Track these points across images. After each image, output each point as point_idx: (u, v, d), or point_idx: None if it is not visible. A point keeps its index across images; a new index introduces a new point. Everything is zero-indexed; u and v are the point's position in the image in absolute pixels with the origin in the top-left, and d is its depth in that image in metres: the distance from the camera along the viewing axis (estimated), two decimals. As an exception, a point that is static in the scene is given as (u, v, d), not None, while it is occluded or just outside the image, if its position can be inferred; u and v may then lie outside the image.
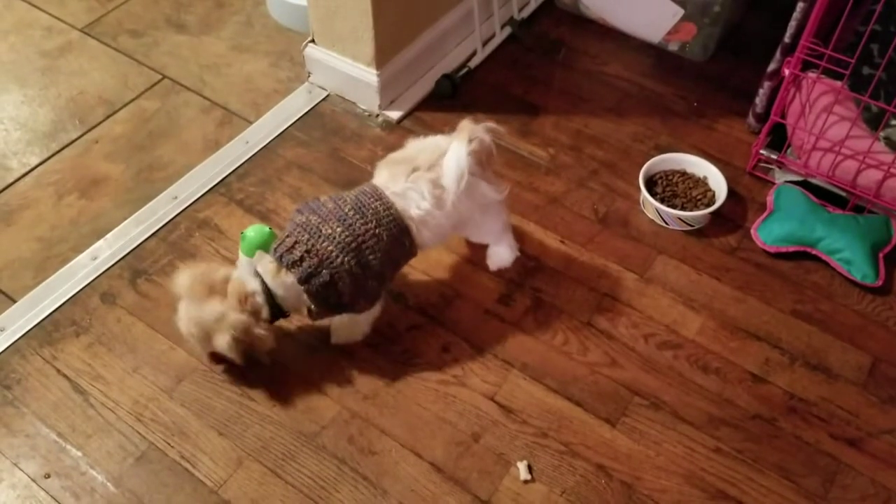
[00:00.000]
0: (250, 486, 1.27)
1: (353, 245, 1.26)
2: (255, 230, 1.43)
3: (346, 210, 1.28)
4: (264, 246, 1.38)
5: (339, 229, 1.26)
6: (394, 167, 1.33)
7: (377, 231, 1.27)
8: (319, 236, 1.25)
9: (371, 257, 1.27)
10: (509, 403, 1.36)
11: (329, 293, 1.27)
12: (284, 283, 1.27)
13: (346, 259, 1.25)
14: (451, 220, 1.34)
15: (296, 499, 1.25)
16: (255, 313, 1.28)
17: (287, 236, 1.28)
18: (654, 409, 1.35)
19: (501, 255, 1.51)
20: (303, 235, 1.26)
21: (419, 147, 1.34)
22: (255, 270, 1.28)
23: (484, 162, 1.33)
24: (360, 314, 1.36)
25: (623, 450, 1.31)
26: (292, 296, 1.28)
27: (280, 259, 1.26)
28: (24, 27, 2.04)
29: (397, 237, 1.29)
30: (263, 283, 1.27)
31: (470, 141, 1.28)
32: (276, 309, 1.30)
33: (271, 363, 1.36)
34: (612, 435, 1.32)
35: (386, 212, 1.28)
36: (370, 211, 1.27)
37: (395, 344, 1.43)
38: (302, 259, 1.25)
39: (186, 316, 1.30)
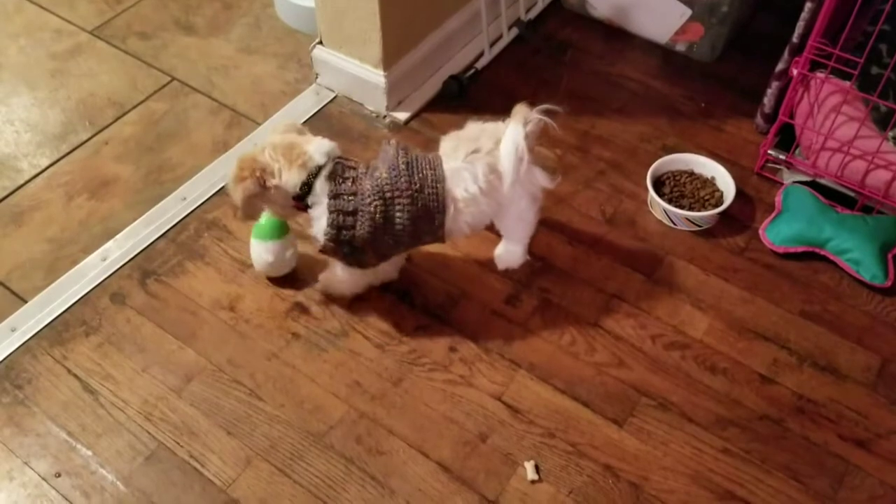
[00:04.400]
0: (259, 486, 1.27)
1: (388, 195, 1.28)
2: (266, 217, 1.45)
3: (400, 163, 1.30)
4: (274, 231, 1.44)
5: (384, 175, 1.29)
6: (457, 142, 1.34)
7: (415, 195, 1.29)
8: (370, 173, 1.30)
9: (398, 215, 1.29)
10: (516, 403, 1.36)
11: (345, 223, 1.29)
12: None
13: (374, 202, 1.27)
14: (493, 208, 1.35)
15: (304, 498, 1.26)
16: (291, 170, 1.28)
17: (355, 160, 1.33)
18: (662, 409, 1.35)
19: (514, 254, 1.51)
20: (362, 167, 1.31)
21: (480, 128, 1.35)
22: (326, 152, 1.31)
23: (534, 145, 1.34)
24: (360, 269, 1.38)
25: (630, 450, 1.31)
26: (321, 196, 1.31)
27: (336, 164, 1.30)
28: (34, 30, 2.05)
29: (430, 211, 1.30)
30: (322, 166, 1.29)
31: (525, 124, 1.29)
32: (307, 189, 1.30)
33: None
34: (619, 435, 1.32)
35: (433, 183, 1.29)
36: (419, 175, 1.29)
37: (403, 344, 1.43)
38: (345, 181, 1.29)
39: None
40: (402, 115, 1.81)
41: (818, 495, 1.26)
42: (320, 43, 1.82)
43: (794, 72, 1.56)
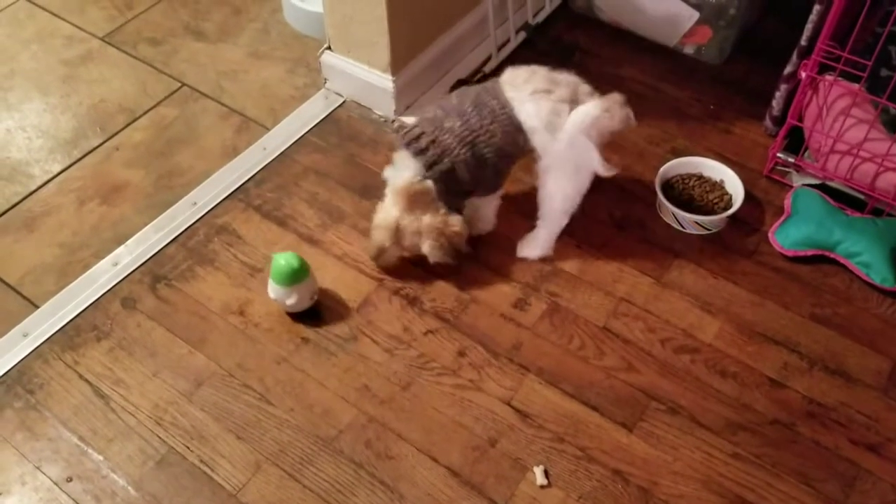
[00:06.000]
0: (268, 490, 1.28)
1: (469, 139, 1.40)
2: (286, 257, 1.41)
3: (466, 106, 1.42)
4: (287, 276, 1.41)
5: (457, 123, 1.40)
6: (531, 75, 1.43)
7: (491, 127, 1.40)
8: (442, 129, 1.40)
9: (485, 150, 1.41)
10: (525, 408, 1.36)
11: (451, 179, 1.41)
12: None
13: (461, 151, 1.39)
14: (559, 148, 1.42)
15: (313, 503, 1.26)
16: (425, 197, 1.40)
17: (414, 126, 1.42)
18: (672, 413, 1.35)
19: (536, 242, 1.54)
20: (428, 127, 1.41)
21: (563, 78, 1.44)
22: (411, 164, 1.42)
23: (605, 135, 1.43)
24: (484, 198, 1.51)
25: (640, 455, 1.30)
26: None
27: (408, 145, 1.41)
28: (45, 36, 2.07)
29: (511, 133, 1.41)
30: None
31: (605, 110, 1.39)
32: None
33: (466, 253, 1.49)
34: (628, 440, 1.32)
35: (501, 110, 1.40)
36: (487, 109, 1.41)
37: (411, 348, 1.44)
38: (427, 148, 1.39)
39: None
40: (410, 120, 1.80)
41: (829, 500, 1.25)
42: (329, 48, 1.83)
43: (803, 74, 1.56)
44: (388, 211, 1.44)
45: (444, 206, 1.44)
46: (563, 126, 1.39)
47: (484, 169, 1.43)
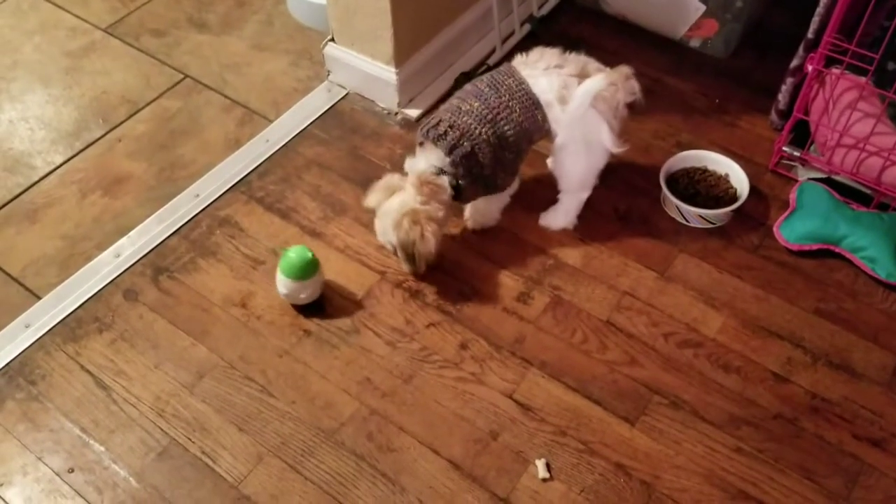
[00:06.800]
0: (270, 482, 1.28)
1: (490, 117, 1.40)
2: (296, 251, 1.42)
3: (482, 87, 1.43)
4: (302, 269, 1.40)
5: (476, 104, 1.41)
6: (542, 55, 1.45)
7: (510, 104, 1.41)
8: (460, 112, 1.41)
9: (506, 128, 1.41)
10: (528, 401, 1.35)
11: (472, 163, 1.40)
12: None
13: (483, 130, 1.39)
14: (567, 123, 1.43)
15: (315, 495, 1.26)
16: (435, 194, 1.40)
17: (432, 117, 1.43)
18: (674, 408, 1.34)
19: (557, 216, 1.57)
20: (445, 114, 1.42)
21: (573, 56, 1.46)
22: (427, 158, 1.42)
23: (617, 110, 1.45)
24: (498, 193, 1.50)
25: (642, 449, 1.30)
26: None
27: (426, 134, 1.41)
28: (48, 27, 2.06)
29: (529, 109, 1.42)
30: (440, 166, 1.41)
31: (612, 83, 1.41)
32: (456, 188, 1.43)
33: (424, 272, 1.48)
34: (631, 434, 1.32)
35: (518, 87, 1.41)
36: (504, 87, 1.42)
37: (414, 341, 1.43)
38: (446, 133, 1.39)
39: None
40: (413, 112, 1.80)
41: (832, 495, 1.25)
42: (332, 40, 1.82)
43: (809, 68, 1.54)
44: (401, 180, 1.44)
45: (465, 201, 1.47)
46: (572, 103, 1.40)
47: (505, 150, 1.42)
